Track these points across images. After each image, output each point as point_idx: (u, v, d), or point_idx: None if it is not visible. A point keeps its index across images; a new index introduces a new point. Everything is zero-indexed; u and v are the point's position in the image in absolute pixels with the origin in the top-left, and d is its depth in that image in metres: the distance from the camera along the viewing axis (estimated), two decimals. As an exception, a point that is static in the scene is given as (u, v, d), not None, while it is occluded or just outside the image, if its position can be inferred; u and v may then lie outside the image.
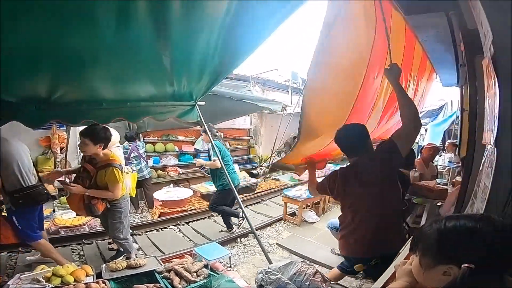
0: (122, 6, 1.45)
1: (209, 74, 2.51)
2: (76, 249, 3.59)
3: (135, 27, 1.62)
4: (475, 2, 0.91)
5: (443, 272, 0.71)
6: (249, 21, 1.87)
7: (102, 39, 1.65)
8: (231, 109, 5.91)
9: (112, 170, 2.49)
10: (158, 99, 2.64)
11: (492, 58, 0.82)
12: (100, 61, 1.87)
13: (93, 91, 2.25)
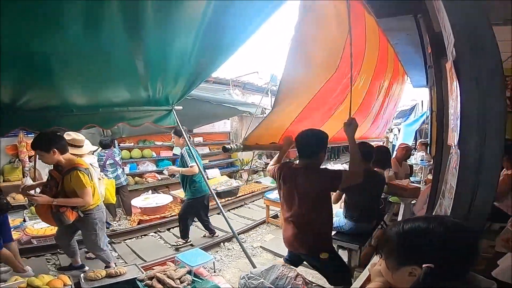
0: (92, 8, 1.39)
1: (186, 78, 2.45)
2: (52, 259, 3.45)
3: (106, 30, 1.55)
4: (439, 6, 0.95)
5: (409, 273, 0.73)
6: (227, 24, 1.85)
7: (71, 43, 1.57)
8: (210, 113, 5.86)
9: (77, 174, 2.39)
10: (132, 104, 2.56)
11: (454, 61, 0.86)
12: (69, 65, 1.78)
13: (62, 97, 2.14)
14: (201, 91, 5.22)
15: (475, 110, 0.76)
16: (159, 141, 6.84)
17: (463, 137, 0.81)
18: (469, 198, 0.80)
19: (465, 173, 0.80)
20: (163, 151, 6.89)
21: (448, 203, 0.91)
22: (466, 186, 0.80)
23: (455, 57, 0.82)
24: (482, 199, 0.79)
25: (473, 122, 0.78)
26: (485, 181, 0.78)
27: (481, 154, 0.77)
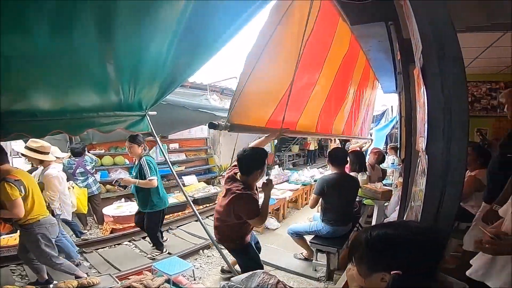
0: (61, 8, 1.31)
1: (160, 83, 2.38)
2: (17, 270, 3.27)
3: (75, 31, 1.47)
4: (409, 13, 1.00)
5: (380, 279, 0.74)
6: (205, 28, 1.82)
7: (35, 44, 1.47)
8: (187, 119, 5.74)
9: (3, 185, 2.32)
10: (102, 110, 2.42)
11: (421, 67, 0.90)
12: (33, 68, 1.66)
13: (24, 101, 1.99)
14: (177, 96, 5.12)
15: (441, 115, 0.80)
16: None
17: (430, 142, 0.85)
18: (437, 200, 0.84)
19: (433, 176, 0.84)
20: (137, 158, 6.65)
21: (419, 205, 0.94)
22: (434, 188, 0.84)
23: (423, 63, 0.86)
24: (450, 200, 0.83)
25: (439, 128, 0.82)
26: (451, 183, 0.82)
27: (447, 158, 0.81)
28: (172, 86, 2.54)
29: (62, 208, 3.45)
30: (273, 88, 2.26)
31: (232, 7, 1.72)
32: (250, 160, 2.28)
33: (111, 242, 4.18)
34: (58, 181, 3.32)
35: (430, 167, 0.83)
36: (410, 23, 1.01)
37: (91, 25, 1.48)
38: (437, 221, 0.86)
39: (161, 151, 3.04)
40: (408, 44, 2.03)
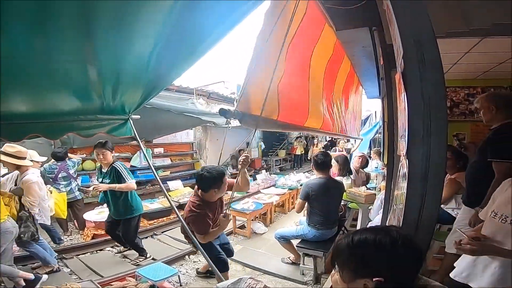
0: (40, 6, 1.25)
1: (144, 86, 2.31)
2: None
3: (54, 31, 1.42)
4: (392, 18, 1.02)
5: (363, 285, 0.74)
6: (190, 31, 1.78)
7: (11, 43, 1.40)
8: (172, 123, 5.67)
9: None
10: (83, 113, 2.34)
11: (402, 72, 0.92)
12: (8, 68, 1.59)
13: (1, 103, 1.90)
14: (162, 99, 5.05)
15: (421, 121, 0.82)
16: (115, 152, 6.44)
17: (411, 147, 0.87)
18: (418, 203, 0.85)
19: (413, 180, 0.86)
20: (120, 162, 6.49)
21: (400, 209, 0.96)
22: (415, 192, 0.86)
23: (403, 68, 0.88)
24: (430, 203, 0.85)
25: (419, 133, 0.84)
26: (431, 187, 0.83)
27: (427, 162, 0.83)
28: (156, 89, 2.47)
29: (41, 214, 3.37)
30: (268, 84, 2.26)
31: (219, 9, 1.68)
32: (208, 179, 2.43)
33: (93, 248, 4.08)
34: (38, 186, 3.24)
35: (410, 171, 0.85)
36: (393, 29, 1.03)
37: (72, 25, 1.42)
38: (419, 224, 0.87)
39: (145, 156, 2.96)
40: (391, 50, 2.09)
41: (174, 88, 7.26)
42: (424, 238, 0.89)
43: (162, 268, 2.89)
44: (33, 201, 3.16)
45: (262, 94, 2.04)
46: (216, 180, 2.45)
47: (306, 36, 2.24)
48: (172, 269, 2.94)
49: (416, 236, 0.89)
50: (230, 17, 1.76)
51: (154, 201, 5.63)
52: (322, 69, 2.93)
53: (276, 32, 1.94)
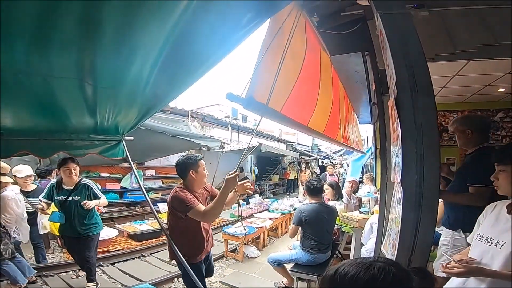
0: (42, 23, 1.22)
1: (139, 107, 2.29)
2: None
3: (54, 47, 1.39)
4: (384, 44, 1.05)
5: None
6: (189, 55, 1.79)
7: (8, 58, 1.39)
8: (165, 146, 5.61)
9: None
10: (75, 132, 2.31)
11: (395, 99, 0.94)
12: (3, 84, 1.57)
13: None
14: (156, 121, 5.04)
15: (414, 149, 0.84)
16: (106, 173, 6.35)
17: (405, 174, 0.88)
18: (413, 227, 0.85)
19: (408, 206, 0.86)
20: (109, 183, 6.40)
21: (395, 234, 0.96)
22: (410, 217, 0.86)
23: (397, 95, 0.91)
24: (425, 227, 0.85)
25: (412, 160, 0.86)
26: (426, 212, 0.84)
27: (421, 189, 0.83)
28: (152, 110, 2.45)
29: (18, 231, 3.28)
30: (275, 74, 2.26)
31: (218, 33, 1.69)
32: (184, 162, 2.48)
33: (75, 266, 3.88)
34: (16, 204, 3.17)
35: (405, 198, 0.86)
36: (385, 54, 1.07)
37: (72, 41, 1.39)
38: (414, 247, 0.87)
39: (136, 178, 2.91)
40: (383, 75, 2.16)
41: (168, 110, 7.31)
42: (420, 261, 0.88)
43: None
44: (9, 219, 3.08)
45: (270, 84, 2.02)
46: (192, 162, 2.48)
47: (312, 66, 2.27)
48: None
49: (412, 260, 0.88)
50: (229, 40, 1.77)
51: (143, 223, 5.47)
52: (330, 80, 2.93)
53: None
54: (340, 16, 2.39)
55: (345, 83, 3.41)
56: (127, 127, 2.61)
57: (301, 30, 2.02)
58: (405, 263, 0.92)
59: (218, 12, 1.50)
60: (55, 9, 1.19)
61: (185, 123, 6.32)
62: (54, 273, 3.70)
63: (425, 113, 0.86)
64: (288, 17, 1.83)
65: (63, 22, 1.27)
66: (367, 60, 2.64)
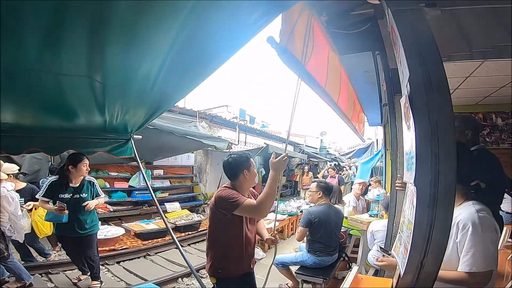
0: (53, 23, 1.26)
1: (148, 105, 2.31)
2: None
3: (65, 47, 1.43)
4: (396, 40, 1.01)
5: None
6: (197, 53, 1.80)
7: (23, 58, 1.42)
8: (173, 145, 5.64)
9: None
10: (85, 130, 2.33)
11: (409, 96, 0.90)
12: (16, 81, 1.60)
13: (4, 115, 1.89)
14: (165, 121, 5.07)
15: (428, 147, 0.81)
16: (114, 172, 6.42)
17: (419, 174, 0.84)
18: (427, 231, 0.82)
19: (421, 208, 0.83)
20: (118, 182, 6.44)
21: (407, 237, 0.92)
22: (424, 219, 0.82)
23: (410, 92, 0.87)
24: (440, 231, 0.81)
25: (427, 159, 0.82)
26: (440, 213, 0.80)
27: (436, 189, 0.80)
28: (161, 109, 2.46)
29: (14, 230, 3.19)
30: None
31: (226, 31, 1.68)
32: (237, 161, 2.15)
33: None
34: (7, 201, 3.06)
35: (419, 198, 0.82)
36: (397, 50, 1.04)
37: (83, 39, 1.42)
38: (427, 250, 0.83)
39: (143, 177, 2.90)
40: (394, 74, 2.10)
41: (177, 110, 7.34)
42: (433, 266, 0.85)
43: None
44: (1, 216, 2.99)
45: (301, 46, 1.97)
46: (244, 160, 2.16)
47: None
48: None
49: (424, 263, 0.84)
50: (237, 39, 1.77)
51: (150, 222, 5.50)
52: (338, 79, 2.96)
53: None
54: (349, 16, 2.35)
55: (355, 84, 3.37)
56: (136, 126, 2.62)
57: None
58: (417, 266, 0.89)
59: (226, 11, 1.49)
60: (66, 8, 1.20)
61: (193, 124, 6.35)
62: (60, 271, 3.71)
63: (441, 110, 0.82)
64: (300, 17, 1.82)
65: (73, 21, 1.29)
66: (377, 60, 2.59)
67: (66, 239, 3.32)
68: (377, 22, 2.19)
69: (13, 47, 1.34)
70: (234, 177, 2.15)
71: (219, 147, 6.27)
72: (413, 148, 0.87)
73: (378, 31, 2.16)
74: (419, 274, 0.88)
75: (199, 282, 2.71)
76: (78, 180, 3.17)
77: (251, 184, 2.25)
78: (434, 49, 0.86)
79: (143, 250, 4.61)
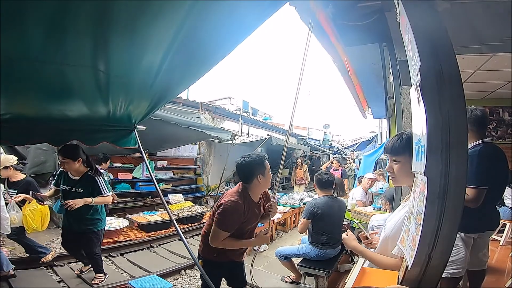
0: (58, 13, 1.25)
1: (151, 96, 2.30)
2: None
3: (69, 37, 1.42)
4: (406, 27, 0.99)
5: None
6: (200, 44, 1.78)
7: (28, 48, 1.42)
8: (176, 136, 5.64)
9: None
10: (88, 120, 2.32)
11: (419, 85, 0.88)
12: (20, 72, 1.60)
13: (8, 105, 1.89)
14: (168, 112, 5.06)
15: (439, 136, 0.78)
16: (118, 163, 6.45)
17: (429, 164, 0.82)
18: (436, 223, 0.80)
19: (431, 198, 0.81)
20: (122, 173, 6.48)
21: (415, 228, 0.91)
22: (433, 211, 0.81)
23: (420, 80, 0.85)
24: (449, 223, 0.80)
25: (437, 149, 0.80)
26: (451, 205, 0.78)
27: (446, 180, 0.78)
28: (164, 100, 2.46)
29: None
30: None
31: (230, 21, 1.67)
32: (251, 164, 2.10)
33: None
34: None
35: (428, 189, 0.80)
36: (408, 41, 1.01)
37: (87, 30, 1.42)
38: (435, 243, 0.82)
39: (147, 168, 2.90)
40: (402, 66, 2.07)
41: (180, 102, 7.33)
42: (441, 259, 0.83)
43: (156, 281, 2.80)
44: None
45: None
46: (259, 163, 2.11)
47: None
48: (167, 283, 2.84)
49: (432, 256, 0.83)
50: (240, 29, 1.76)
51: (154, 213, 5.55)
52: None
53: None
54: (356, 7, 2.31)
55: (360, 75, 3.32)
56: (139, 117, 2.62)
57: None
58: (425, 259, 0.88)
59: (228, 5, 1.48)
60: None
61: (196, 115, 6.33)
62: (65, 263, 3.71)
63: (452, 99, 0.80)
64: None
65: (77, 12, 1.28)
66: (384, 52, 2.54)
67: (63, 234, 3.25)
68: (384, 14, 2.15)
69: (17, 37, 1.33)
70: (248, 180, 2.12)
71: (222, 138, 6.27)
72: (423, 138, 0.84)
73: (385, 23, 2.12)
74: (426, 267, 0.87)
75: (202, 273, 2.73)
76: (79, 173, 2.97)
77: (264, 188, 2.22)
78: (445, 37, 0.83)
79: (146, 242, 4.66)
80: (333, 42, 2.50)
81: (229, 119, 9.37)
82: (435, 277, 0.88)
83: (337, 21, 2.25)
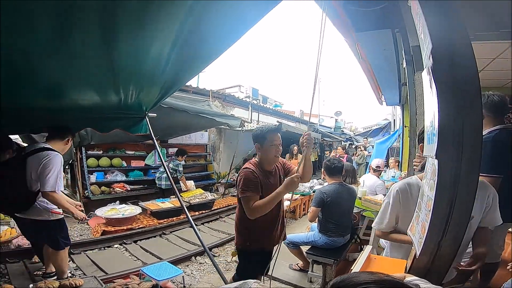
0: (65, 6, 1.28)
1: (161, 84, 2.33)
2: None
3: (78, 29, 1.45)
4: (419, 11, 0.94)
5: None
6: (207, 35, 1.79)
7: (37, 39, 1.44)
8: (187, 124, 5.67)
9: None
10: (100, 108, 2.36)
11: (431, 68, 0.84)
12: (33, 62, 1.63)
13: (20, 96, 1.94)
14: (178, 100, 5.08)
15: (452, 118, 0.74)
16: (131, 151, 6.56)
17: (440, 147, 0.78)
18: (447, 210, 0.77)
19: (443, 183, 0.78)
20: (134, 161, 6.60)
21: (425, 215, 0.88)
22: (444, 197, 0.78)
23: (432, 63, 0.80)
24: (460, 210, 0.76)
25: (450, 132, 0.76)
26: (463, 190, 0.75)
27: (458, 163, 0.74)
28: (174, 87, 2.49)
29: None
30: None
31: (238, 9, 1.67)
32: (263, 130, 2.21)
33: (101, 244, 4.06)
34: None
35: (440, 174, 0.77)
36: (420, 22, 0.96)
37: (95, 23, 1.45)
38: (446, 230, 0.79)
39: (159, 155, 2.94)
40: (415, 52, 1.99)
41: (190, 90, 7.33)
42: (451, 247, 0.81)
43: (167, 268, 2.86)
44: None
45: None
46: (259, 136, 2.19)
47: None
48: (177, 269, 2.90)
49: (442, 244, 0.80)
50: (248, 16, 1.74)
51: (165, 201, 5.66)
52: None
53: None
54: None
55: (372, 62, 3.21)
56: (150, 104, 2.66)
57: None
58: (435, 247, 0.85)
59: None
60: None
61: (206, 103, 6.34)
62: (81, 251, 3.80)
63: (466, 82, 0.75)
64: None
65: (86, 4, 1.30)
66: (397, 37, 2.45)
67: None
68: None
69: (28, 29, 1.36)
70: (262, 143, 2.21)
71: (232, 125, 6.27)
72: (435, 120, 0.80)
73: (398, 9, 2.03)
74: (435, 256, 0.85)
75: (212, 260, 2.79)
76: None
77: (268, 157, 2.22)
78: (458, 19, 0.78)
79: (159, 229, 4.75)
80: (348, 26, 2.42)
81: (239, 106, 9.34)
82: (443, 267, 0.85)
83: (349, 6, 2.17)
